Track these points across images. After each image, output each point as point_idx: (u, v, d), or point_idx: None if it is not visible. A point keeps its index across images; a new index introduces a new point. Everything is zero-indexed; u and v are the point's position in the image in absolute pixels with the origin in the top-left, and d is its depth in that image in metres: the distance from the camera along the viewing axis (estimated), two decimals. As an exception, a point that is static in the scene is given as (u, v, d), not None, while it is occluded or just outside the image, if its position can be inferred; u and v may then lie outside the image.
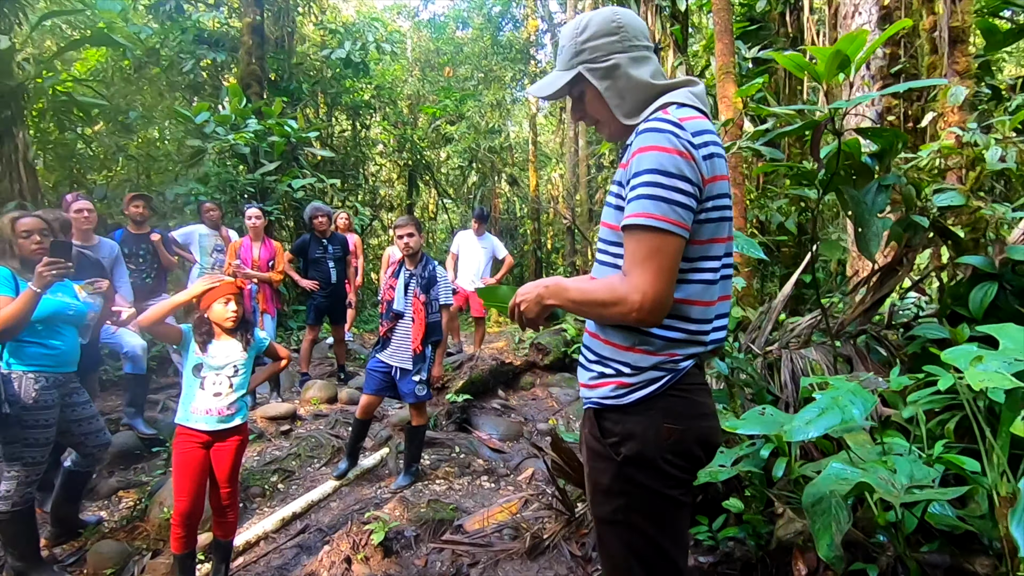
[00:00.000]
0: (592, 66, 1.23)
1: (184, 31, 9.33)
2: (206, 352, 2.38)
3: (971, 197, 2.64)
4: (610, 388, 1.21)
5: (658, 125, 1.10)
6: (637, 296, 1.06)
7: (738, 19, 7.87)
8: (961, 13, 4.00)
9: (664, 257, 1.06)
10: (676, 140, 1.08)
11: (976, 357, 1.52)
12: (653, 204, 1.06)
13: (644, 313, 1.07)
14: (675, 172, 1.07)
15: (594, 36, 1.22)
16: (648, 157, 1.08)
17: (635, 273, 1.07)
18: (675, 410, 1.17)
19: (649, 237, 1.07)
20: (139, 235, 4.52)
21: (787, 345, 3.22)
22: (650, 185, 1.07)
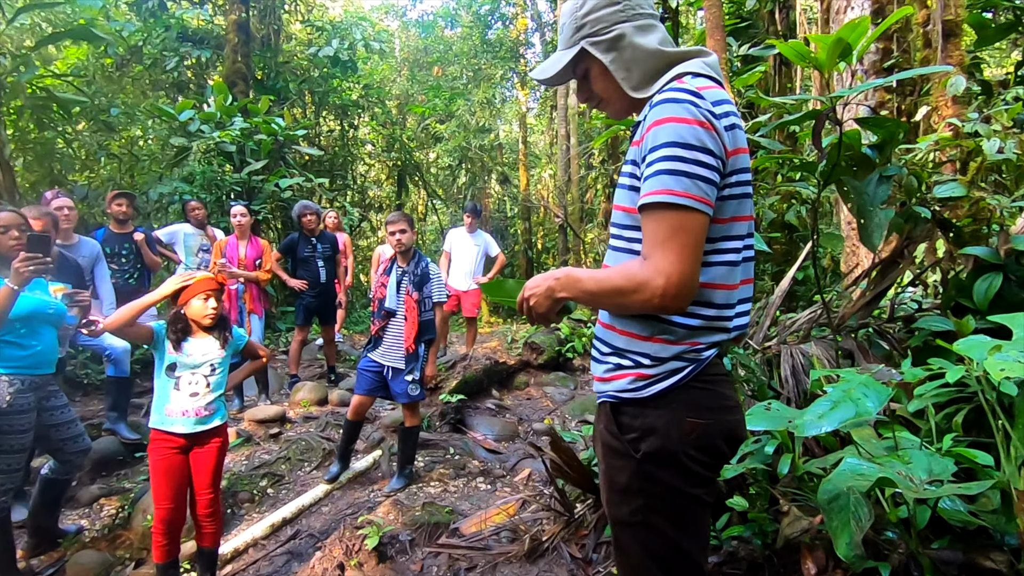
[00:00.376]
0: (595, 39, 1.15)
1: (168, 28, 9.15)
2: (180, 350, 2.27)
3: (972, 188, 2.61)
4: (628, 380, 1.13)
5: (675, 96, 1.02)
6: (661, 280, 0.97)
7: (728, 16, 7.86)
8: (954, 7, 3.99)
9: (688, 235, 0.97)
10: (696, 110, 1.00)
11: (995, 347, 1.48)
12: (674, 179, 0.98)
13: (669, 298, 0.98)
14: (696, 144, 0.98)
15: (595, 8, 1.15)
16: (666, 129, 1.00)
17: (657, 255, 0.99)
18: (698, 403, 1.09)
19: (671, 215, 0.98)
20: (122, 234, 4.40)
21: (785, 341, 3.18)
22: (669, 160, 0.98)
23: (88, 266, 3.71)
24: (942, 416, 2.19)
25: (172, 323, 2.28)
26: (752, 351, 3.16)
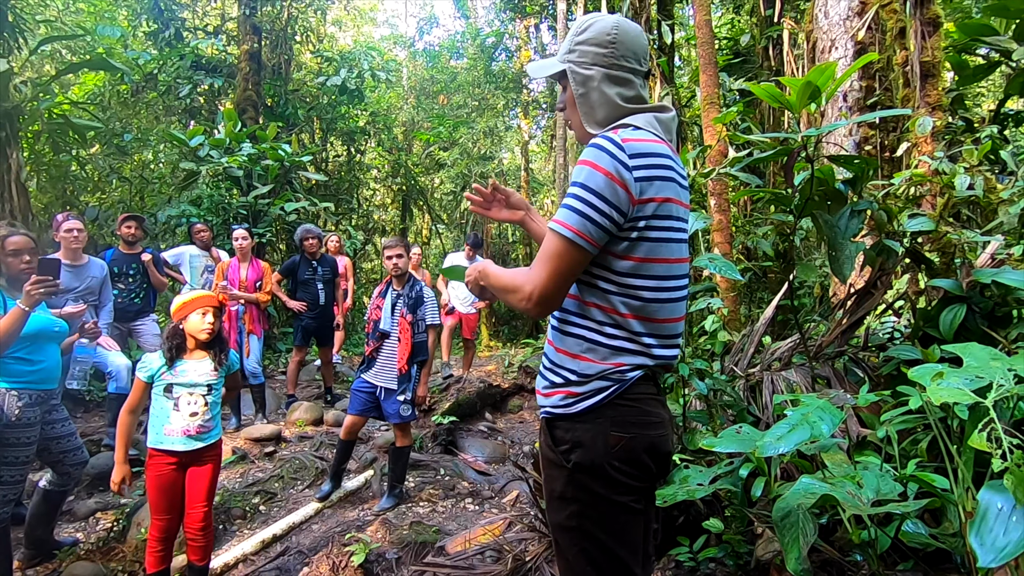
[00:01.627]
0: (576, 69, 1.27)
1: (182, 57, 9.50)
2: (174, 369, 2.35)
3: (941, 223, 2.72)
4: (559, 397, 1.26)
5: (599, 142, 1.16)
6: (529, 287, 1.18)
7: (724, 52, 8.13)
8: (931, 49, 4.18)
9: (562, 262, 1.16)
10: (609, 159, 1.14)
11: (937, 373, 1.57)
12: (570, 214, 1.15)
13: (531, 303, 1.18)
14: (596, 189, 1.14)
15: (587, 41, 1.26)
16: (582, 170, 1.16)
17: (536, 268, 1.18)
18: (622, 419, 1.21)
19: (557, 241, 1.16)
20: (130, 255, 4.55)
21: (769, 367, 3.26)
22: (574, 197, 1.15)
23: (96, 286, 3.85)
24: (909, 442, 2.27)
25: (169, 338, 2.37)
26: (736, 377, 3.24)
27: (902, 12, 4.22)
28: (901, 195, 3.15)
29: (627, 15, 8.03)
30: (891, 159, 4.52)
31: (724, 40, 8.85)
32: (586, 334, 1.23)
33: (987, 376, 1.59)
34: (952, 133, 4.44)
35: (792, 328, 5.20)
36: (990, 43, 4.91)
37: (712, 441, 2.02)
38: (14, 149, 4.87)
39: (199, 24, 11.65)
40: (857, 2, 4.46)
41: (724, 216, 5.08)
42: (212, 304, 2.40)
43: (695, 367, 2.71)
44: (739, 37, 8.45)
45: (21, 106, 5.08)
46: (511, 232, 14.56)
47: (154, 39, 10.26)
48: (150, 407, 2.39)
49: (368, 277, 14.04)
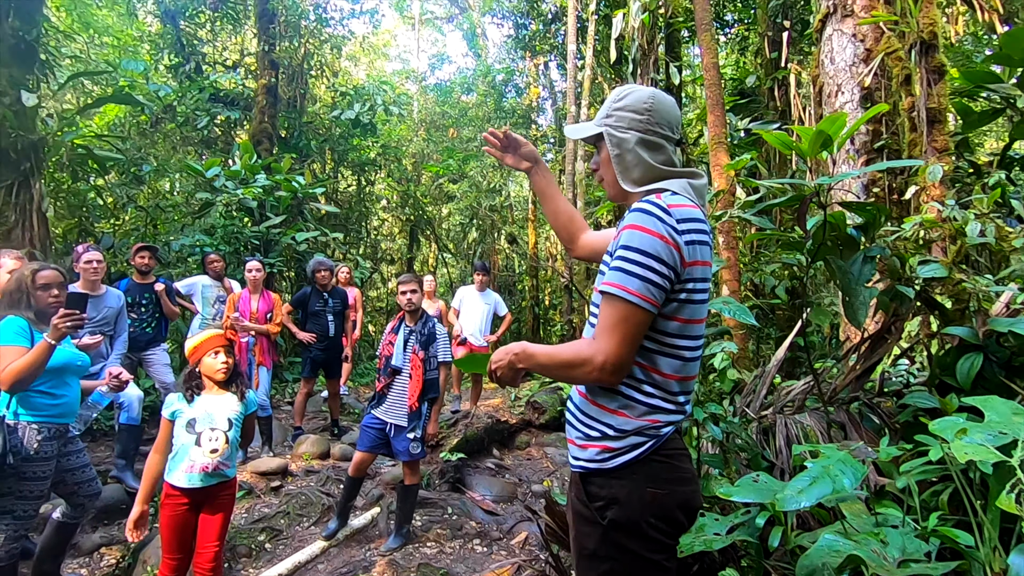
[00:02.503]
0: (612, 132, 1.34)
1: (201, 90, 9.77)
2: (193, 405, 2.36)
3: (954, 269, 2.74)
4: (595, 452, 1.26)
5: (647, 208, 1.20)
6: (601, 357, 1.17)
7: (730, 93, 8.30)
8: (937, 96, 4.26)
9: (630, 326, 1.17)
10: (661, 224, 1.18)
11: (961, 429, 1.56)
12: (628, 278, 1.17)
13: (605, 373, 1.17)
14: (653, 253, 1.17)
15: (625, 108, 1.33)
16: (634, 235, 1.19)
17: (603, 337, 1.18)
18: (658, 475, 1.22)
19: (620, 306, 1.17)
20: (143, 285, 4.60)
21: (782, 410, 3.24)
22: (630, 261, 1.18)
23: (113, 316, 3.89)
24: (929, 493, 2.24)
25: (187, 380, 2.39)
26: (748, 420, 3.22)
27: (907, 60, 4.32)
28: (911, 240, 3.18)
29: (635, 56, 8.25)
30: (899, 202, 4.56)
31: (730, 81, 9.04)
32: (623, 390, 1.25)
33: (1011, 432, 1.58)
34: (960, 179, 4.50)
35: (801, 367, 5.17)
36: (994, 90, 5.01)
37: (730, 490, 1.99)
38: (37, 180, 4.98)
39: (219, 58, 12.03)
40: (863, 49, 4.57)
41: (732, 253, 5.12)
42: (222, 343, 2.43)
43: (709, 411, 2.70)
44: (745, 78, 8.63)
45: (46, 138, 5.21)
46: (517, 263, 14.64)
47: (175, 72, 10.58)
48: (172, 441, 2.39)
49: (374, 306, 14.09)
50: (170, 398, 2.39)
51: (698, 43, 5.98)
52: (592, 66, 10.15)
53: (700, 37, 5.69)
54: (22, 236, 4.79)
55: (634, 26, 8.22)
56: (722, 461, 2.79)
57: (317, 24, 11.09)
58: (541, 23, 12.77)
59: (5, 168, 4.84)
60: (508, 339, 12.53)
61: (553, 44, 12.83)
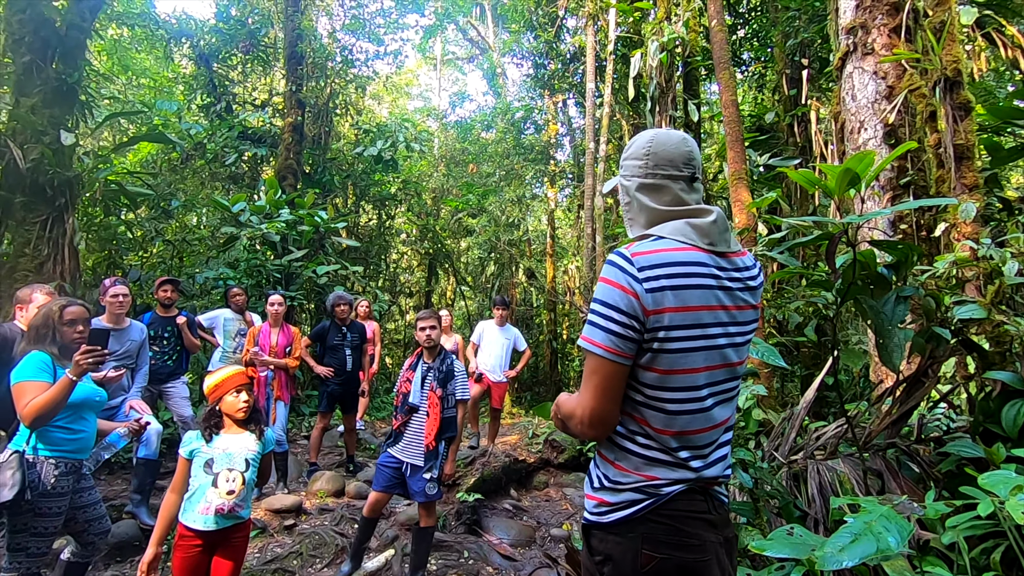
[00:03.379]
0: (622, 182, 1.38)
1: (231, 128, 10.12)
2: (211, 444, 2.33)
3: (993, 310, 2.63)
4: (594, 504, 1.25)
5: (611, 257, 1.22)
6: (580, 411, 1.20)
7: (748, 129, 8.32)
8: (964, 132, 4.20)
9: (601, 379, 1.17)
10: (620, 273, 1.18)
11: (1016, 487, 1.46)
12: (593, 330, 1.19)
13: (586, 426, 1.20)
14: (611, 303, 1.17)
15: (629, 156, 1.36)
16: (599, 286, 1.21)
17: (581, 390, 1.22)
18: (656, 537, 1.16)
19: (590, 359, 1.19)
20: (166, 318, 4.66)
21: (813, 455, 3.11)
22: (594, 313, 1.20)
23: (135, 349, 3.93)
24: (979, 551, 2.09)
25: (207, 419, 2.37)
26: (777, 465, 3.09)
27: (932, 96, 4.28)
28: (943, 279, 3.08)
29: (653, 94, 8.35)
30: (928, 239, 4.46)
31: (748, 117, 9.08)
32: (618, 440, 1.24)
33: (1070, 490, 1.48)
34: (990, 215, 4.39)
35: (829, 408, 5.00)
36: (1022, 125, 4.93)
37: (763, 544, 1.89)
38: (71, 215, 5.14)
39: (248, 98, 12.49)
40: (885, 86, 4.55)
41: (756, 291, 5.03)
42: (243, 381, 2.41)
43: (737, 456, 2.59)
44: (763, 114, 8.66)
45: (81, 175, 5.40)
46: (535, 296, 14.62)
47: (206, 111, 11.00)
48: (190, 481, 2.36)
49: (391, 338, 14.11)
50: (188, 436, 2.36)
51: (716, 80, 6.04)
52: (610, 103, 10.30)
53: (718, 75, 5.74)
54: (53, 269, 4.92)
55: (652, 65, 8.35)
56: (752, 509, 2.66)
57: (343, 65, 11.49)
58: (560, 62, 13.06)
59: (41, 203, 5.01)
60: (526, 374, 12.40)
61: (572, 83, 13.09)
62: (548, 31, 12.97)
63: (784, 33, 7.80)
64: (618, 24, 10.54)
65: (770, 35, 8.58)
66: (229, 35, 10.77)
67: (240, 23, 10.90)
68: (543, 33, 13.00)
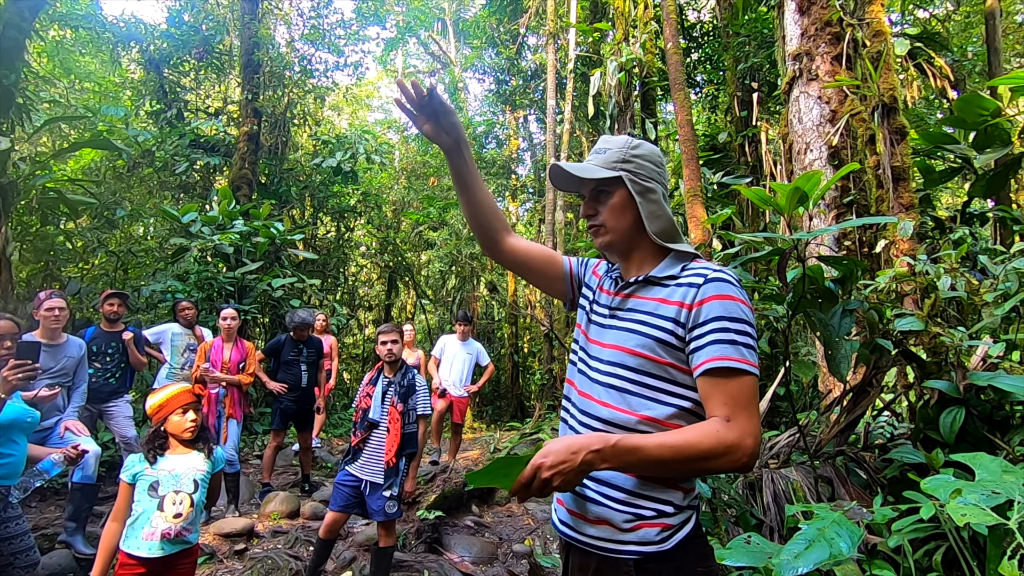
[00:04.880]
0: (634, 179, 1.26)
1: (182, 136, 9.77)
2: (156, 466, 2.20)
3: (930, 322, 2.78)
4: (655, 532, 1.14)
5: (730, 279, 1.18)
6: (750, 440, 1.06)
7: (702, 148, 8.62)
8: (900, 155, 4.47)
9: (757, 400, 1.11)
10: (746, 295, 1.18)
11: (955, 490, 1.54)
12: (749, 352, 1.11)
13: (753, 457, 1.06)
14: (752, 322, 1.15)
15: (645, 157, 1.29)
16: (735, 306, 1.14)
17: (743, 417, 1.07)
18: (703, 551, 1.17)
19: (749, 381, 1.09)
20: (111, 333, 4.42)
21: (767, 464, 3.19)
22: (744, 334, 1.12)
23: (72, 366, 3.70)
24: (922, 552, 2.19)
25: (151, 440, 2.24)
26: (734, 474, 3.16)
27: (871, 121, 4.55)
28: (884, 293, 3.25)
29: (612, 112, 8.56)
30: (870, 254, 4.71)
31: (702, 136, 9.41)
32: None
33: (1003, 491, 1.56)
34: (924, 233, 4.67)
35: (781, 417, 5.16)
36: (951, 150, 5.29)
37: (722, 553, 1.92)
38: (3, 223, 4.84)
39: (201, 106, 12.11)
40: (828, 110, 4.80)
41: (712, 304, 5.17)
42: (189, 400, 2.29)
43: (697, 467, 2.64)
44: (716, 134, 9.00)
45: (16, 182, 5.10)
46: (496, 310, 14.61)
47: (156, 118, 10.60)
48: (133, 506, 2.22)
49: (349, 353, 13.81)
50: (130, 459, 2.23)
51: (672, 101, 6.23)
52: (571, 120, 10.50)
53: (674, 96, 5.94)
54: (-18, 281, 4.60)
55: (611, 84, 8.57)
56: (711, 519, 2.71)
57: (301, 75, 11.30)
58: (521, 79, 13.25)
59: (-30, 211, 4.70)
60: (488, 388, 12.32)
61: (533, 99, 13.28)
62: (509, 48, 13.15)
63: (735, 57, 8.15)
64: (578, 44, 10.79)
65: (722, 59, 8.96)
66: (181, 41, 10.45)
67: (193, 29, 10.59)
68: (504, 50, 13.17)
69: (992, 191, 5.04)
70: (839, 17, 4.74)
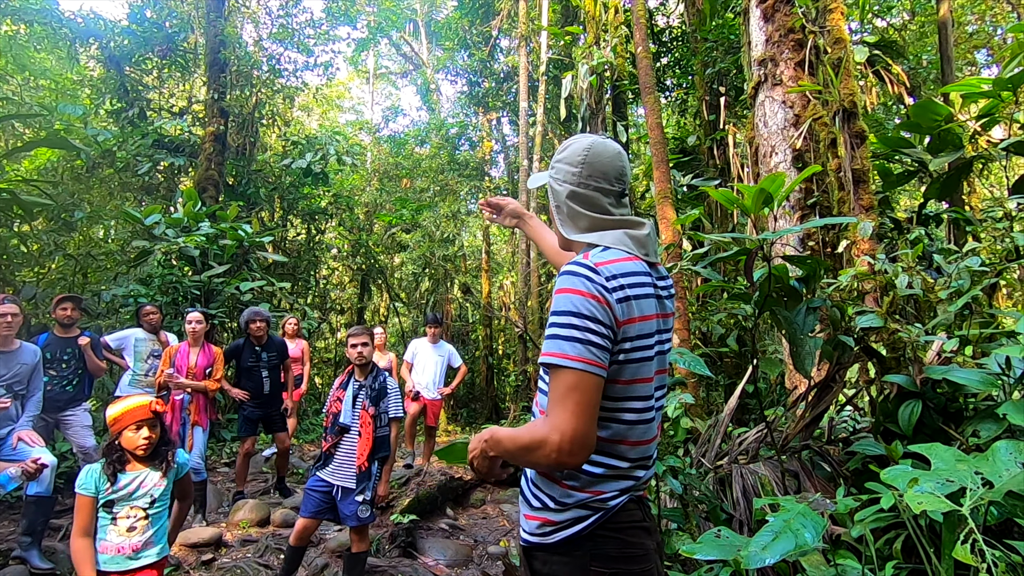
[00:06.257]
0: (552, 183, 1.35)
1: (144, 136, 9.48)
2: (117, 483, 2.13)
3: (888, 319, 2.88)
4: (536, 525, 1.20)
5: (574, 268, 1.15)
6: (556, 435, 1.04)
7: (672, 151, 8.77)
8: (860, 158, 4.62)
9: (581, 395, 1.06)
10: (589, 284, 1.11)
11: (912, 479, 1.60)
12: (569, 344, 1.08)
13: (565, 453, 1.04)
14: (587, 314, 1.09)
15: (563, 160, 1.32)
16: (563, 298, 1.12)
17: (555, 412, 1.07)
18: (604, 552, 1.15)
19: (566, 375, 1.07)
20: (65, 339, 4.26)
21: (736, 460, 3.26)
22: (565, 326, 1.10)
23: (26, 374, 3.55)
24: (883, 541, 2.26)
25: (107, 453, 2.15)
26: (705, 470, 3.22)
27: (832, 125, 4.69)
28: (846, 291, 3.36)
29: (584, 115, 8.63)
30: (833, 254, 4.86)
31: (672, 139, 9.57)
32: None
33: (957, 480, 1.63)
34: (883, 234, 4.84)
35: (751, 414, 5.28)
36: (908, 154, 5.49)
37: (692, 547, 1.95)
38: (-48, 226, 4.61)
39: (165, 105, 11.78)
40: (792, 115, 4.94)
41: (681, 304, 5.26)
42: (145, 416, 2.17)
43: (669, 464, 2.68)
44: (686, 137, 9.17)
45: (-34, 182, 4.87)
46: (470, 312, 14.58)
47: (116, 117, 10.26)
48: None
49: (321, 357, 13.59)
50: (87, 471, 2.14)
51: (643, 104, 6.33)
52: (543, 123, 10.55)
53: (644, 99, 6.02)
54: (-71, 286, 4.37)
55: (583, 87, 8.64)
56: (682, 515, 2.75)
57: (270, 75, 11.09)
58: (494, 81, 13.26)
59: (-85, 213, 4.46)
60: (462, 390, 12.28)
61: (505, 101, 13.31)
62: (482, 50, 13.15)
63: (703, 62, 8.32)
64: (550, 46, 10.86)
65: (691, 64, 9.12)
66: (143, 38, 10.14)
67: (156, 26, 10.29)
68: (477, 52, 13.17)
69: (946, 193, 5.25)
70: (802, 24, 4.88)
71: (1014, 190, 4.29)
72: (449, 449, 1.54)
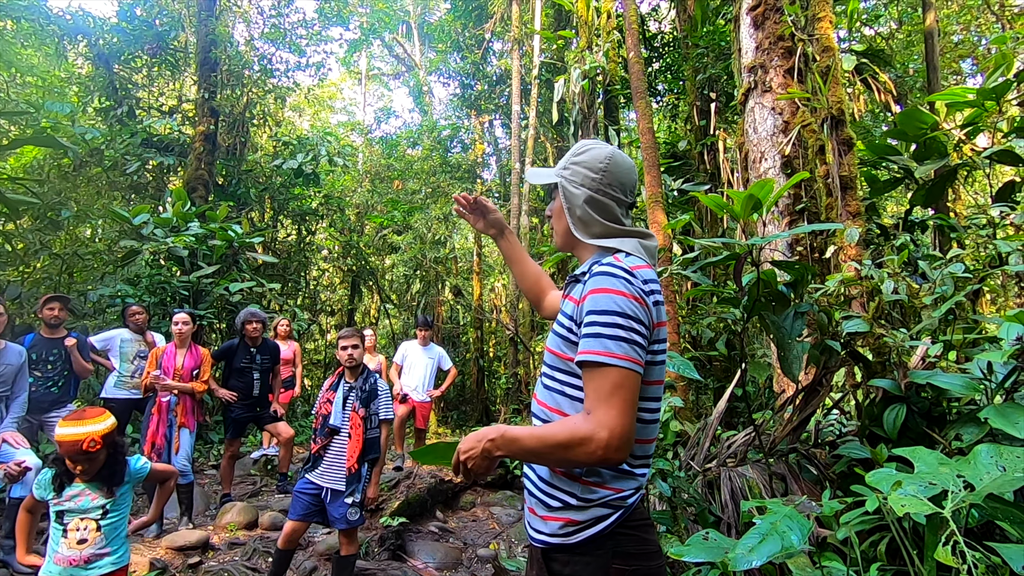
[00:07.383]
0: (566, 185, 1.34)
1: (133, 134, 9.39)
2: (63, 495, 2.10)
3: (874, 324, 2.93)
4: (559, 525, 1.19)
5: (613, 270, 1.17)
6: (604, 433, 1.05)
7: (663, 155, 8.83)
8: (847, 165, 4.69)
9: (627, 392, 1.08)
10: (630, 286, 1.15)
11: (896, 482, 1.62)
12: (615, 344, 1.10)
13: (612, 450, 1.05)
14: (631, 314, 1.12)
15: (582, 163, 1.33)
16: (606, 298, 1.13)
17: (601, 410, 1.07)
18: (624, 550, 1.16)
19: (612, 373, 1.08)
20: (52, 339, 4.21)
21: (725, 463, 3.29)
22: (610, 326, 1.11)
23: (11, 375, 3.51)
24: (868, 544, 2.29)
25: (56, 466, 2.13)
26: (693, 473, 3.24)
27: (820, 132, 4.75)
28: (833, 296, 3.40)
29: (576, 118, 8.67)
30: (820, 259, 4.92)
31: (663, 144, 9.64)
32: None
33: (939, 482, 1.66)
34: (870, 240, 4.90)
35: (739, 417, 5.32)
36: (894, 161, 5.57)
37: (681, 550, 1.97)
38: (-65, 224, 4.54)
39: (154, 103, 11.68)
40: (781, 121, 4.99)
41: (671, 307, 5.30)
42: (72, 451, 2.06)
43: (658, 467, 2.69)
44: (676, 142, 9.24)
45: (-50, 179, 4.80)
46: (461, 314, 14.56)
47: (105, 116, 10.16)
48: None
49: (311, 359, 13.51)
50: (44, 473, 2.13)
51: (634, 109, 6.37)
52: (535, 126, 10.59)
53: (636, 104, 6.07)
54: (-90, 285, 4.31)
55: (575, 91, 8.68)
56: (671, 518, 2.77)
57: (261, 75, 11.03)
58: (486, 84, 13.28)
59: (-103, 210, 4.39)
60: (453, 393, 12.25)
61: (498, 104, 13.33)
62: (475, 53, 13.17)
63: (694, 68, 8.39)
64: (542, 50, 10.90)
65: (682, 69, 9.20)
66: (133, 36, 10.05)
67: (146, 24, 10.20)
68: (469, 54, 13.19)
69: (931, 200, 5.33)
70: (791, 32, 4.94)
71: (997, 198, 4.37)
72: (429, 449, 1.48)
